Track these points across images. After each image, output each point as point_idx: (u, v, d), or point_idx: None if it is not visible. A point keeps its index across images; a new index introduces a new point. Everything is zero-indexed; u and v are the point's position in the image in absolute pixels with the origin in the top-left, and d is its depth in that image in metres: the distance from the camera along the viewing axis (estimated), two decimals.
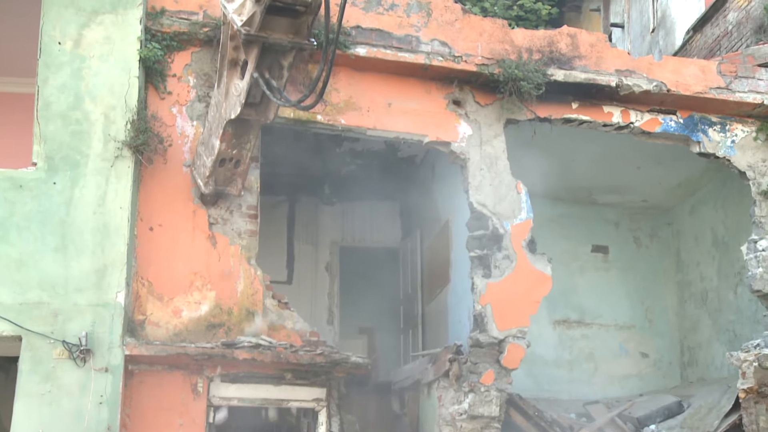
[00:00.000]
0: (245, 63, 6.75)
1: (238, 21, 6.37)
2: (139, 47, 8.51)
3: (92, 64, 8.43)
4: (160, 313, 8.33)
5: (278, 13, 6.33)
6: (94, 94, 8.37)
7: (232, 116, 7.22)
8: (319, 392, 8.73)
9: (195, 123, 8.70)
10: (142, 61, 8.52)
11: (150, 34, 8.71)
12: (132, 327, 8.15)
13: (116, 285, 7.99)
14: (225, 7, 6.63)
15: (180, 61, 8.84)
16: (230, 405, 8.51)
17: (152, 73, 8.69)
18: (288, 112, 8.96)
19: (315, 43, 6.83)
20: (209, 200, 8.57)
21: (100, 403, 7.69)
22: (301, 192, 12.72)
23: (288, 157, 11.28)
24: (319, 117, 9.08)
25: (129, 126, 8.28)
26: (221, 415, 8.46)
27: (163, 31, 8.75)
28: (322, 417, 8.73)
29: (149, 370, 8.17)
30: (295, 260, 12.85)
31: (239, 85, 7.00)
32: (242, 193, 8.60)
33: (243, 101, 6.99)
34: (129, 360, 7.96)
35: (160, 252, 8.44)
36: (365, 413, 10.55)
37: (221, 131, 7.64)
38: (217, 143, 7.79)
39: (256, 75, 6.68)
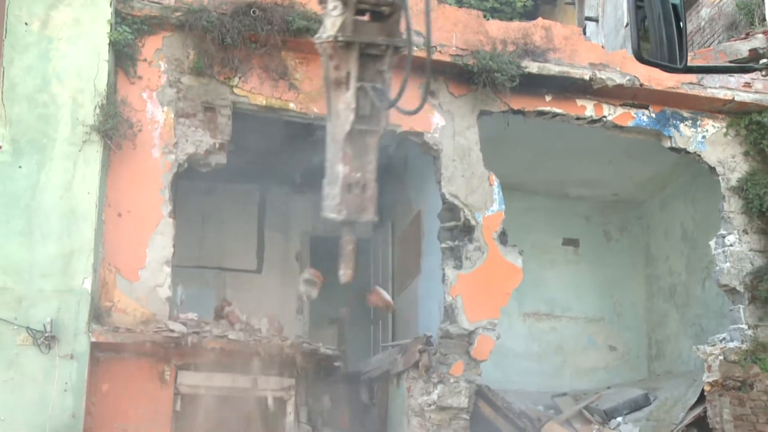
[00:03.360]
0: (348, 77, 6.89)
1: (332, 31, 6.55)
2: (109, 30, 8.38)
3: (60, 46, 8.29)
4: (128, 299, 8.22)
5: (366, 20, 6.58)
6: (62, 76, 8.23)
7: (347, 128, 7.30)
8: (288, 382, 8.69)
9: (165, 108, 8.58)
10: (112, 44, 8.39)
11: (120, 17, 8.57)
12: (98, 313, 8.03)
13: (83, 271, 7.88)
14: (320, 38, 6.77)
15: (151, 46, 8.71)
16: (197, 393, 8.44)
17: (122, 57, 8.56)
18: (260, 99, 8.87)
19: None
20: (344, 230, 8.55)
21: (65, 390, 7.60)
22: (272, 181, 12.61)
23: (259, 146, 11.17)
24: (291, 105, 9.01)
25: (98, 110, 8.16)
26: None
27: (133, 15, 8.61)
28: (290, 406, 8.70)
29: (115, 357, 8.07)
30: (265, 249, 12.74)
31: (347, 97, 7.14)
32: (375, 217, 8.57)
33: (353, 108, 7.08)
34: (95, 347, 7.85)
35: (128, 238, 8.33)
36: (334, 403, 10.49)
37: (341, 154, 7.70)
38: (340, 168, 7.85)
39: (359, 84, 6.87)
